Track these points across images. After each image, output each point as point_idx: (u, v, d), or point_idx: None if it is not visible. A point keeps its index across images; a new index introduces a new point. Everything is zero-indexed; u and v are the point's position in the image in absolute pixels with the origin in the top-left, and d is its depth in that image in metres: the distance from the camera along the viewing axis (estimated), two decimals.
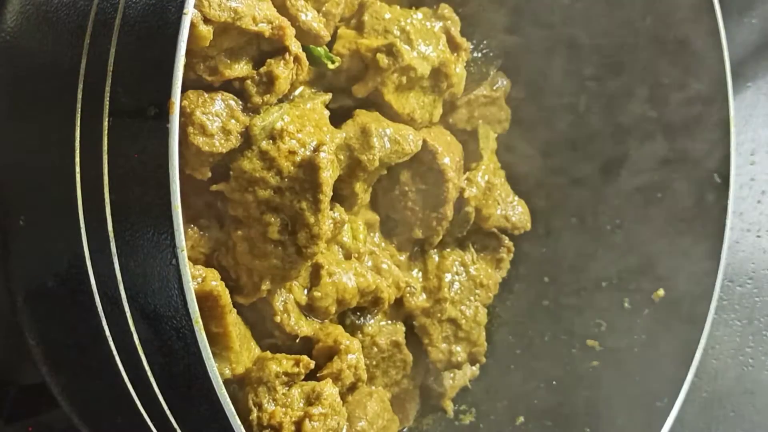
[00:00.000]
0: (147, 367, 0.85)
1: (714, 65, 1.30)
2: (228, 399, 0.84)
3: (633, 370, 1.38)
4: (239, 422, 0.85)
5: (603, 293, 1.49)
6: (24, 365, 1.18)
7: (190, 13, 0.80)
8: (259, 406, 1.02)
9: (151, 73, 0.81)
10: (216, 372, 0.83)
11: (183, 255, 0.79)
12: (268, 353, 1.09)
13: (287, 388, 1.05)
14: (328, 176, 1.03)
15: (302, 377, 1.06)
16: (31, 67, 0.92)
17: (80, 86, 0.84)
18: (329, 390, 1.07)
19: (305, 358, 1.06)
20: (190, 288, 0.80)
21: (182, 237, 0.79)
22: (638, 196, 1.46)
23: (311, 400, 1.06)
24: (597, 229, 1.51)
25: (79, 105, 0.84)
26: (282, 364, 1.05)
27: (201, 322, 0.81)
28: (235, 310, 1.04)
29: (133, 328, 0.84)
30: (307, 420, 1.03)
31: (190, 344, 0.81)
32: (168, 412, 0.87)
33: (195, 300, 0.80)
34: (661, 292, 1.40)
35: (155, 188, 0.79)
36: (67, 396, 0.97)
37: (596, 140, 1.48)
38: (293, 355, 1.07)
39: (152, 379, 0.86)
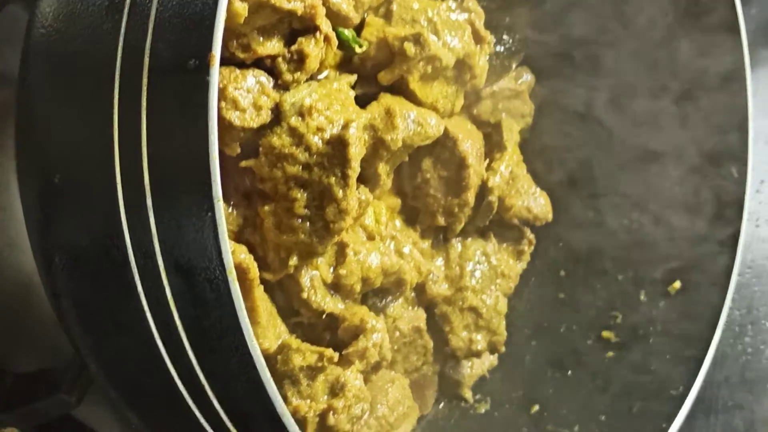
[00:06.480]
0: (178, 321, 0.85)
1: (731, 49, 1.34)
2: (259, 351, 0.84)
3: (648, 361, 1.39)
4: (269, 374, 0.85)
5: (619, 286, 1.50)
6: (19, 353, 1.19)
7: None
8: (284, 399, 1.03)
9: (192, 28, 0.83)
10: (247, 323, 0.83)
11: (219, 205, 0.80)
12: (293, 342, 1.10)
13: (311, 380, 1.07)
14: (357, 152, 1.05)
15: (326, 369, 1.08)
16: (69, 28, 0.93)
17: (120, 43, 0.86)
18: (353, 381, 1.08)
19: (329, 351, 1.08)
20: (225, 238, 0.81)
21: (219, 187, 0.80)
22: (655, 189, 1.47)
23: (335, 391, 1.08)
24: (613, 221, 1.52)
25: (118, 62, 0.85)
26: (306, 357, 1.06)
27: (235, 273, 0.82)
28: (262, 286, 1.06)
29: (165, 281, 0.85)
30: (330, 413, 1.05)
31: (223, 295, 0.82)
32: (197, 368, 0.88)
33: (229, 250, 0.81)
34: (677, 284, 1.42)
35: (193, 140, 0.80)
36: (95, 356, 0.97)
37: (614, 133, 1.50)
38: (316, 347, 1.08)
39: (182, 333, 0.86)
